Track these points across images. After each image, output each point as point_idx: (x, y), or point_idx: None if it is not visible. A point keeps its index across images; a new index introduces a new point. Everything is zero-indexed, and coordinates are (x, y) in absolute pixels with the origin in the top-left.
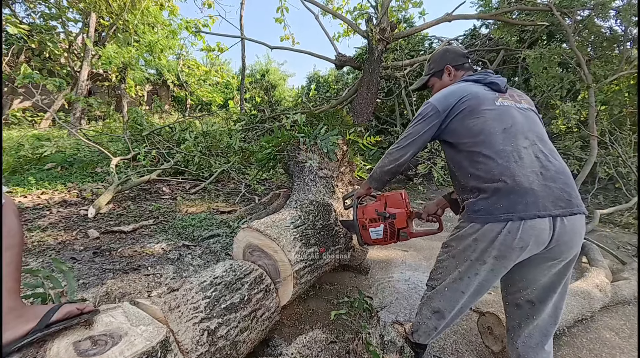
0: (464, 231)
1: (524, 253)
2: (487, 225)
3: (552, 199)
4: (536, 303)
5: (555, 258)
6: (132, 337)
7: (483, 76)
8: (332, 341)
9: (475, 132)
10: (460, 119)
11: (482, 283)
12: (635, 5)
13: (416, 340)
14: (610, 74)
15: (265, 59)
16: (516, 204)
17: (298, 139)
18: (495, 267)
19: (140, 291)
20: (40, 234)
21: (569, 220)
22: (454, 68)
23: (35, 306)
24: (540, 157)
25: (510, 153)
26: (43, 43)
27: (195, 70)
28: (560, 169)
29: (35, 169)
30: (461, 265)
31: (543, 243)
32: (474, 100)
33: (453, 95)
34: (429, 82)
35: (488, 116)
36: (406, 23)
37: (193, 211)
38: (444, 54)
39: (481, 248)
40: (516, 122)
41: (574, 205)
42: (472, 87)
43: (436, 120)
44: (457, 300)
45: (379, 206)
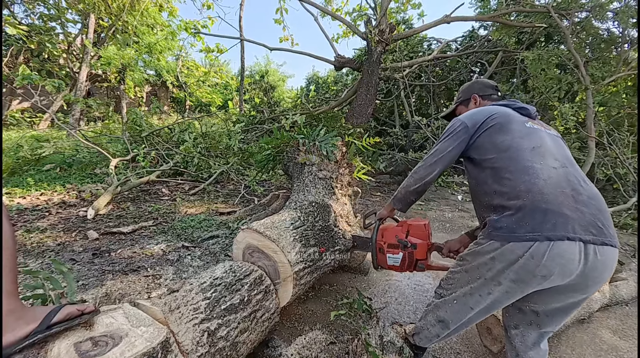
0: (482, 248)
1: (545, 283)
2: (509, 244)
3: (584, 224)
4: (541, 316)
5: (577, 291)
6: (132, 337)
7: (512, 102)
8: (331, 342)
9: (502, 148)
10: (489, 134)
11: (493, 302)
12: (632, 7)
13: (416, 342)
14: (608, 75)
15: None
16: (543, 223)
17: (297, 140)
18: (510, 290)
19: (140, 293)
20: (39, 235)
21: (601, 251)
22: (480, 97)
23: (36, 308)
24: (571, 180)
25: (538, 170)
26: (42, 44)
27: (194, 71)
28: (592, 195)
29: (34, 170)
30: (474, 281)
31: (569, 274)
32: (504, 118)
33: (482, 112)
34: (457, 110)
35: (517, 134)
36: (405, 24)
37: (192, 212)
38: (472, 84)
39: (498, 268)
40: (545, 143)
41: (608, 235)
42: (501, 108)
43: (465, 136)
44: (464, 314)
45: (400, 233)
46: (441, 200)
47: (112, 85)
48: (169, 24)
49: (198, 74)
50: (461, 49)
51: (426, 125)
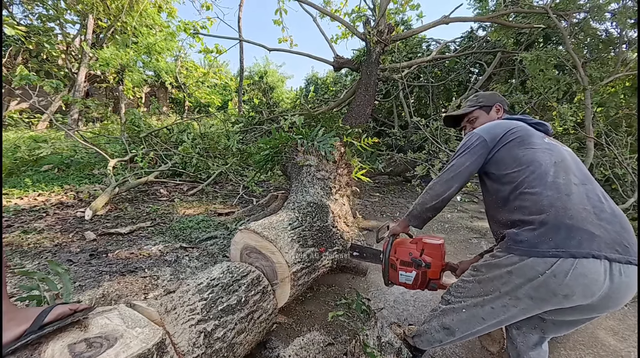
0: (499, 261)
1: (566, 302)
2: (529, 259)
3: (609, 242)
4: (548, 323)
5: (595, 311)
6: (127, 339)
7: (527, 117)
8: (329, 343)
9: (524, 162)
10: (509, 148)
11: (507, 317)
12: (630, 8)
13: (416, 344)
14: (606, 76)
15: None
16: (567, 240)
17: (296, 141)
18: (527, 307)
19: (137, 294)
20: (36, 236)
21: (626, 272)
22: (502, 108)
23: (28, 309)
24: (592, 197)
25: (561, 185)
26: (40, 45)
27: (193, 72)
28: (616, 213)
29: (32, 171)
30: (487, 293)
31: (591, 295)
32: (524, 132)
33: (500, 126)
34: (473, 113)
35: (538, 148)
36: (404, 25)
37: (191, 213)
38: (494, 95)
39: (515, 283)
40: (565, 159)
41: (632, 254)
42: (519, 123)
43: (483, 150)
44: (474, 325)
45: (415, 251)
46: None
47: (111, 86)
48: (167, 25)
49: (197, 74)
50: (460, 49)
51: (425, 126)
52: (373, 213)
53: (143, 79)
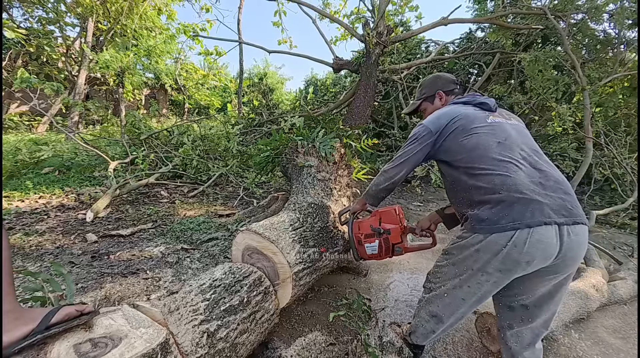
0: (466, 241)
1: (529, 268)
2: (492, 235)
3: (555, 208)
4: (530, 308)
5: (558, 272)
6: (132, 339)
7: (472, 97)
8: (331, 343)
9: (469, 147)
10: (453, 137)
11: (483, 293)
12: (628, 8)
13: (414, 341)
14: (604, 76)
15: (263, 63)
16: (522, 213)
17: (296, 142)
18: (498, 279)
19: (139, 295)
20: (38, 238)
21: (574, 231)
22: (444, 93)
23: (34, 309)
24: (538, 168)
25: (507, 163)
26: (40, 47)
27: (193, 74)
28: (559, 180)
29: (32, 174)
30: (462, 273)
31: (550, 257)
32: (465, 119)
33: (444, 116)
34: (421, 106)
35: (481, 132)
36: (403, 27)
37: (191, 214)
38: (435, 80)
39: (484, 259)
40: (510, 136)
41: (577, 215)
42: (462, 109)
43: (429, 140)
44: (457, 306)
45: (374, 222)
46: (440, 201)
47: (111, 88)
48: (167, 27)
49: (197, 76)
50: (459, 51)
51: None
52: None
53: (143, 82)
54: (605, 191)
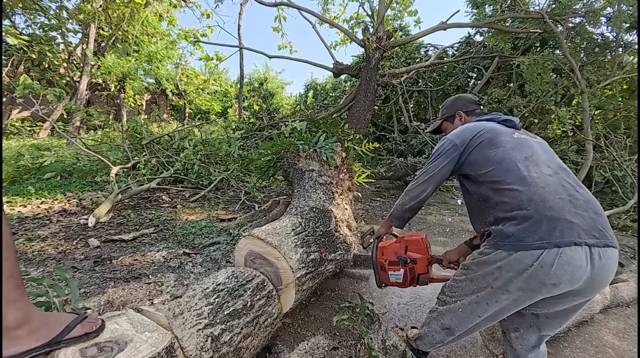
0: (488, 258)
1: (555, 290)
2: (517, 253)
3: (586, 228)
4: (541, 318)
5: (582, 295)
6: (137, 343)
7: (496, 116)
8: (334, 347)
9: (496, 160)
10: (479, 150)
11: (501, 310)
12: (625, 12)
13: (419, 347)
14: (603, 79)
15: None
16: (550, 231)
17: (298, 146)
18: (519, 298)
19: (142, 300)
20: (40, 244)
21: (605, 255)
22: (465, 114)
23: (60, 315)
24: (565, 186)
25: (536, 179)
26: (42, 53)
27: (193, 79)
28: (589, 199)
29: (34, 179)
30: (480, 290)
31: (577, 280)
32: (491, 132)
33: (469, 130)
34: (442, 126)
35: (508, 146)
36: (402, 31)
37: (193, 219)
38: (456, 101)
39: (506, 277)
40: (536, 152)
41: (608, 236)
42: (487, 123)
43: (454, 154)
44: (471, 322)
45: (399, 249)
46: (441, 204)
47: (112, 93)
48: (168, 33)
49: (197, 82)
50: (458, 55)
51: (424, 130)
52: (375, 218)
53: (144, 87)
54: (606, 193)
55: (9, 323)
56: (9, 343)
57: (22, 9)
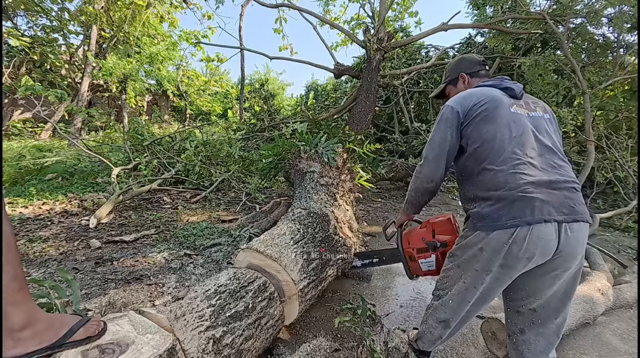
0: (469, 240)
1: (529, 264)
2: (494, 233)
3: (556, 206)
4: (539, 311)
5: (558, 268)
6: (139, 345)
7: (498, 81)
8: (336, 349)
9: (486, 138)
10: (476, 124)
11: (487, 291)
12: (626, 12)
13: (420, 347)
14: (604, 80)
15: (264, 69)
16: (522, 210)
17: (299, 147)
18: (500, 276)
19: (143, 301)
20: (41, 245)
21: (572, 228)
22: (468, 76)
23: (65, 316)
24: (545, 168)
25: (516, 159)
26: (44, 55)
27: (194, 80)
28: (567, 179)
29: (36, 180)
30: (466, 274)
31: (549, 253)
32: (491, 104)
33: (470, 97)
34: (446, 90)
35: (501, 123)
36: (403, 32)
37: (194, 220)
38: (459, 62)
39: (486, 257)
40: (525, 132)
41: (578, 212)
42: (490, 91)
43: (457, 121)
44: (463, 309)
45: (426, 235)
46: (442, 206)
47: (114, 95)
48: (169, 35)
49: (198, 83)
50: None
51: (425, 131)
52: (376, 219)
53: (145, 88)
54: (608, 194)
55: (14, 324)
56: (13, 345)
57: (24, 11)
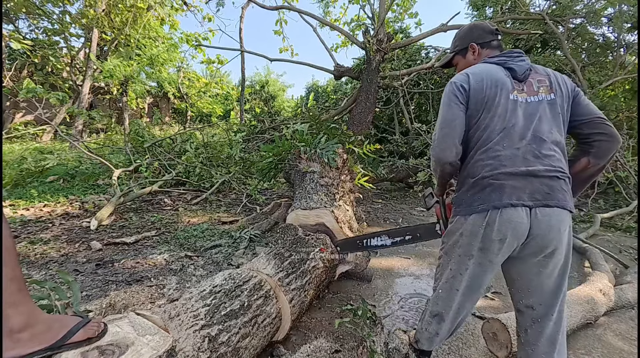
0: (452, 226)
1: (504, 246)
2: (470, 217)
3: (529, 192)
4: (535, 307)
5: (538, 253)
6: (139, 346)
7: (505, 58)
8: (336, 350)
9: (479, 126)
10: (476, 109)
11: (473, 278)
12: (626, 12)
13: (420, 347)
14: (605, 79)
15: (264, 71)
16: (491, 195)
17: (299, 148)
18: (482, 261)
19: (144, 303)
20: (43, 246)
21: (542, 212)
22: (479, 46)
23: (65, 317)
24: (528, 158)
25: (499, 151)
26: (46, 58)
27: (195, 82)
28: (548, 169)
29: (37, 182)
30: (452, 261)
31: (521, 235)
32: (494, 89)
33: (476, 78)
34: (454, 60)
35: (496, 112)
36: (402, 34)
37: (195, 221)
38: (470, 30)
39: (466, 242)
40: (517, 123)
41: (552, 198)
42: (494, 73)
43: (463, 99)
44: (452, 299)
45: None
46: None
47: (115, 97)
48: (170, 37)
49: (199, 85)
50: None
51: (426, 132)
52: (376, 219)
53: (146, 90)
54: (609, 194)
55: (13, 325)
56: (12, 345)
57: (26, 14)
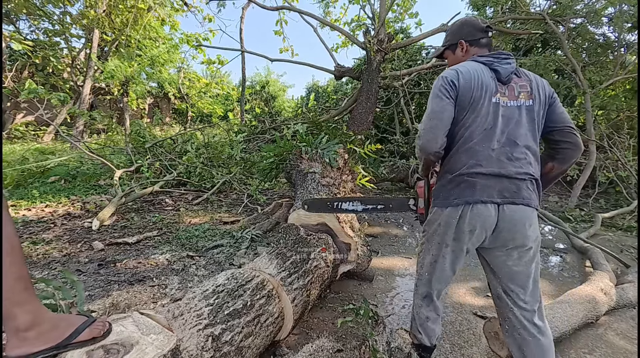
0: (432, 216)
1: (474, 237)
2: (447, 209)
3: (500, 190)
4: (507, 291)
5: (507, 244)
6: (143, 345)
7: (492, 59)
8: (338, 349)
9: (462, 124)
10: (463, 108)
11: (450, 263)
12: (626, 12)
13: (420, 340)
14: (605, 79)
15: (265, 71)
16: (464, 191)
17: (300, 148)
18: (455, 249)
19: (146, 302)
20: (45, 247)
21: (508, 208)
22: (467, 43)
23: (71, 317)
24: (502, 160)
25: (477, 152)
26: (46, 58)
27: (195, 82)
28: (519, 172)
29: (39, 183)
30: (432, 248)
31: (489, 228)
32: (479, 92)
33: (465, 77)
34: (444, 54)
35: (479, 113)
36: (403, 34)
37: (196, 221)
38: (461, 26)
39: (443, 231)
40: (496, 125)
41: (519, 197)
42: (481, 75)
43: (454, 92)
44: (436, 280)
45: None
46: None
47: (115, 97)
48: (171, 37)
49: (199, 85)
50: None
51: None
52: (377, 220)
53: (147, 91)
54: (610, 193)
55: (19, 324)
56: (18, 344)
57: (26, 15)
